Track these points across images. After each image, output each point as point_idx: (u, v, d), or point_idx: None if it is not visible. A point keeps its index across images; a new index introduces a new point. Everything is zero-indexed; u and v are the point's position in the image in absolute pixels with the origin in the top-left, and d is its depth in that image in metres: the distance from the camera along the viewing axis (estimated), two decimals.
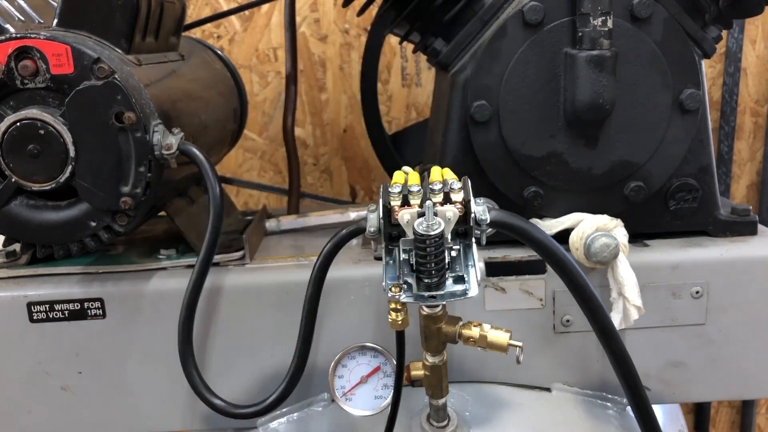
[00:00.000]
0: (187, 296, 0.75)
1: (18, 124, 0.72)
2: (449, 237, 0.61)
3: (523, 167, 0.84)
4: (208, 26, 1.44)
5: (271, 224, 1.04)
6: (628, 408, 0.80)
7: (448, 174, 0.69)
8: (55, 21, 0.76)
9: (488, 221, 0.62)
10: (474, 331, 0.68)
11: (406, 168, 0.83)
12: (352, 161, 1.53)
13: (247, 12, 1.43)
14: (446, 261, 0.60)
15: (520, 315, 0.85)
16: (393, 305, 0.63)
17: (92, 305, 0.83)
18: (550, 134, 0.83)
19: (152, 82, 0.78)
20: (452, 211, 0.61)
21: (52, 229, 0.76)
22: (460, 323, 0.69)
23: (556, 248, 0.64)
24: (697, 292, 0.84)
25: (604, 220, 0.81)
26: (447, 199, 0.62)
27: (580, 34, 0.79)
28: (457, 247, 0.62)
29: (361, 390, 0.79)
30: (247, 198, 1.56)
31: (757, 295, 0.84)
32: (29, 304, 0.83)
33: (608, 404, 0.86)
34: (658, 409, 0.72)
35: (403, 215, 0.61)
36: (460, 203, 0.61)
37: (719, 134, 1.53)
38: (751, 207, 0.90)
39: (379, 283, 0.61)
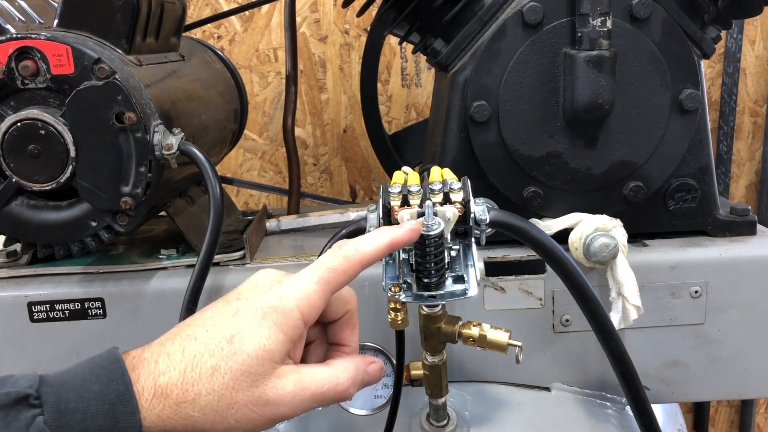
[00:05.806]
0: (188, 296, 0.75)
1: (19, 124, 0.72)
2: (449, 237, 0.61)
3: (522, 167, 0.85)
4: (208, 26, 1.44)
5: (271, 224, 1.04)
6: (628, 407, 0.80)
7: (448, 174, 0.69)
8: (56, 21, 0.76)
9: (488, 221, 0.62)
10: (473, 331, 0.68)
11: (405, 168, 0.83)
12: (352, 161, 1.53)
13: (247, 12, 1.43)
14: (446, 261, 0.60)
15: (519, 315, 0.85)
16: (392, 305, 0.63)
17: (93, 305, 0.83)
18: (550, 134, 0.84)
19: (153, 83, 0.78)
20: (452, 211, 0.61)
21: (52, 229, 0.77)
22: (460, 323, 0.69)
23: (555, 248, 0.64)
24: (696, 292, 0.84)
25: (603, 220, 0.81)
26: (446, 199, 0.62)
27: (579, 34, 0.79)
28: (457, 247, 0.62)
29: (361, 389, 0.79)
30: (247, 198, 1.56)
31: (756, 294, 0.85)
32: (30, 304, 0.83)
33: (607, 404, 0.86)
34: (657, 409, 0.72)
35: (403, 215, 0.61)
36: (460, 203, 0.61)
37: (718, 134, 1.53)
38: (750, 207, 0.90)
39: (379, 283, 0.61)
